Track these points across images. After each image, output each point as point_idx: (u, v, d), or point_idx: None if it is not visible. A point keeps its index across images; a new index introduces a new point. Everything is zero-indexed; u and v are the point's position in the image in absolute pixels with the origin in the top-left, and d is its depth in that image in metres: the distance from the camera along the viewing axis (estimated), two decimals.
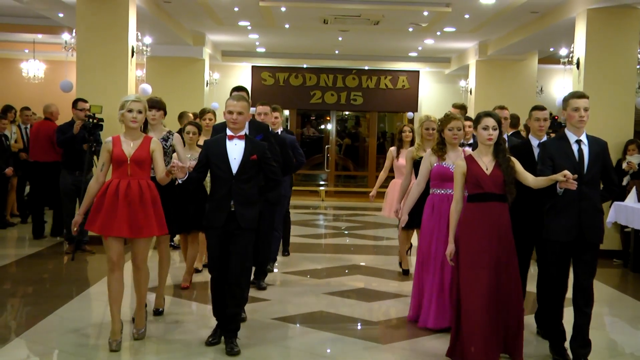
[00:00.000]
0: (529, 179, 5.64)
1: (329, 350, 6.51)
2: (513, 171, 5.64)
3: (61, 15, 14.16)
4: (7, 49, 20.25)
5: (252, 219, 6.06)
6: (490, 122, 5.65)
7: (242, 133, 6.07)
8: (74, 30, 13.29)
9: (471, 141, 8.47)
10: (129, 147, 5.96)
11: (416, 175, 7.56)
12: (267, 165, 6.12)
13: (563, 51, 13.37)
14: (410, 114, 22.45)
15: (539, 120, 6.74)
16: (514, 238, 5.85)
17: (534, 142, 6.66)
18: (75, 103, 10.82)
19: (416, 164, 7.65)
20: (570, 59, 12.93)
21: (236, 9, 14.52)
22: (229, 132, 6.02)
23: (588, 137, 5.88)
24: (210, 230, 6.12)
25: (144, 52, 14.59)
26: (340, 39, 18.00)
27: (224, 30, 17.20)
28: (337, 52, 20.77)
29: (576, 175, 5.29)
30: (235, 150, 5.97)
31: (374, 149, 23.62)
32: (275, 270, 10.09)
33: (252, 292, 8.50)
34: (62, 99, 15.66)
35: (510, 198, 5.64)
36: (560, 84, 20.11)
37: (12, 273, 9.61)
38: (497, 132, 5.65)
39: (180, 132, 8.33)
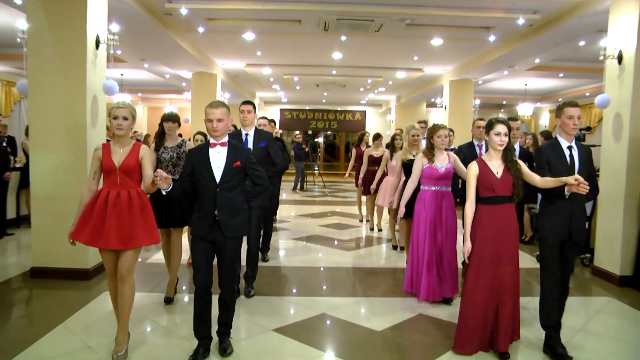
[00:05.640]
0: (535, 179, 3.44)
1: (320, 255, 6.35)
2: (520, 173, 3.46)
3: (184, 84, 14.23)
4: (157, 102, 20.26)
5: (238, 227, 3.33)
6: (502, 128, 3.48)
7: (224, 140, 3.35)
8: (190, 92, 13.33)
9: (452, 146, 6.30)
10: (118, 156, 3.35)
11: (405, 174, 5.45)
12: (253, 170, 3.40)
13: (438, 101, 13.42)
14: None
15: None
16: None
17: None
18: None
19: (404, 165, 5.42)
20: (441, 105, 13.05)
21: (271, 79, 14.52)
22: (211, 140, 3.37)
23: (576, 143, 3.62)
24: (196, 240, 3.34)
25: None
26: (325, 93, 17.90)
27: (265, 90, 17.06)
28: (324, 101, 20.71)
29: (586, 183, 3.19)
30: (217, 158, 3.31)
31: (343, 150, 23.67)
32: (292, 214, 9.84)
33: (280, 224, 8.44)
34: (183, 128, 15.84)
35: (517, 199, 3.47)
36: (436, 118, 20.26)
37: None
38: (507, 138, 3.48)
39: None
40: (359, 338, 3.70)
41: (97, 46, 5.26)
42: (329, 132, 24.85)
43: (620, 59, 5.42)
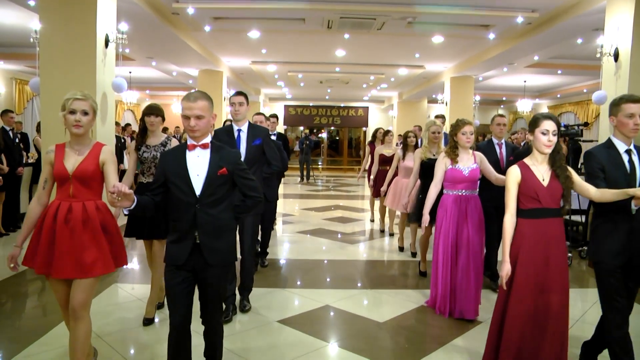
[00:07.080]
0: (590, 190, 2.62)
1: (324, 248, 6.30)
2: (571, 182, 2.65)
3: (191, 81, 14.22)
4: (165, 99, 20.19)
5: (224, 252, 2.41)
6: (550, 126, 2.62)
7: (206, 141, 2.42)
8: (197, 89, 13.33)
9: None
10: (73, 160, 2.49)
11: (423, 174, 4.72)
12: (242, 179, 2.45)
13: (439, 97, 13.40)
14: (364, 128, 22.60)
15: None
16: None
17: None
18: None
19: (424, 164, 4.67)
20: (442, 101, 13.01)
21: (276, 76, 14.55)
22: (189, 141, 2.44)
23: (635, 146, 2.75)
24: (171, 269, 2.38)
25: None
26: (329, 90, 17.94)
27: (270, 86, 17.10)
28: (327, 97, 20.71)
29: None
30: (197, 164, 2.38)
31: (346, 146, 23.60)
32: (296, 207, 9.86)
33: (285, 218, 8.52)
34: None
35: (564, 212, 2.67)
36: (438, 112, 20.25)
37: None
38: (555, 138, 2.63)
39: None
40: (362, 329, 3.68)
41: (106, 45, 5.27)
42: (332, 128, 24.93)
43: (616, 56, 5.39)
